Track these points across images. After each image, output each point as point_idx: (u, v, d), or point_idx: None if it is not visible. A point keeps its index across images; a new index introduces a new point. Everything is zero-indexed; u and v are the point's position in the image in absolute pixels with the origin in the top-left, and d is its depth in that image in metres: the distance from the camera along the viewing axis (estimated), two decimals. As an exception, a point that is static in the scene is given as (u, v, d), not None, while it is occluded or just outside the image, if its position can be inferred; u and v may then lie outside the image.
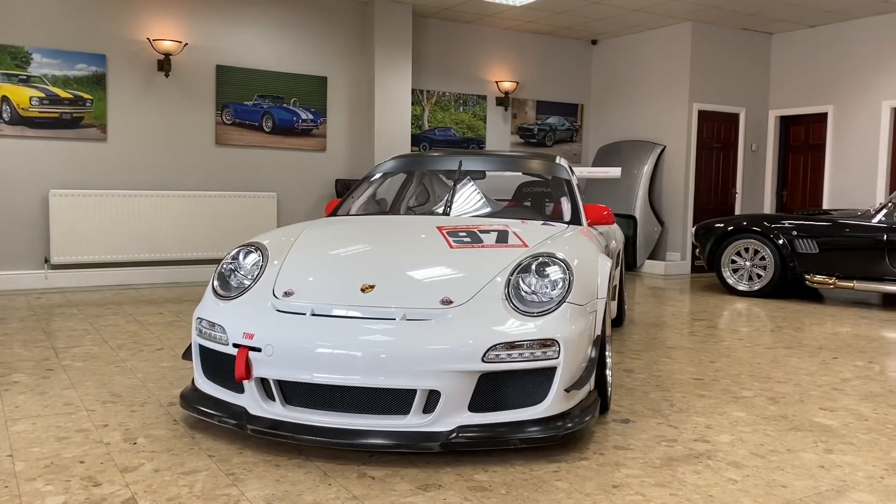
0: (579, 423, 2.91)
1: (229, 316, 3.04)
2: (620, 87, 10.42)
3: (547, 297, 2.99)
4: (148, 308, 6.14)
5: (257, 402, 2.92)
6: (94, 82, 7.36)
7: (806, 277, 7.26)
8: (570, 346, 2.87)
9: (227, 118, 8.05)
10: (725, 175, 10.10)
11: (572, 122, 10.71)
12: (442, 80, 9.54)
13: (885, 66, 8.97)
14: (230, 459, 2.79)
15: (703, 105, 9.66)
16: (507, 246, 3.39)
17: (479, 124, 9.87)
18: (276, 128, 8.32)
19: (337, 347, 2.77)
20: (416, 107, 9.36)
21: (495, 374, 2.80)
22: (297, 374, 2.81)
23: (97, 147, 7.43)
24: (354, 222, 3.99)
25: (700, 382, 4.07)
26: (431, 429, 2.76)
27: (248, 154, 8.23)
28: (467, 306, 2.91)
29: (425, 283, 3.05)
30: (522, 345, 2.80)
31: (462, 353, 2.74)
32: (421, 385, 2.74)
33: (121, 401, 3.51)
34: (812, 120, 9.91)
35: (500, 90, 9.89)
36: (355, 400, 2.82)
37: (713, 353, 4.82)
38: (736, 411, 3.54)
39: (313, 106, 8.54)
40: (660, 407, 3.58)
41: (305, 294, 3.04)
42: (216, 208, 7.95)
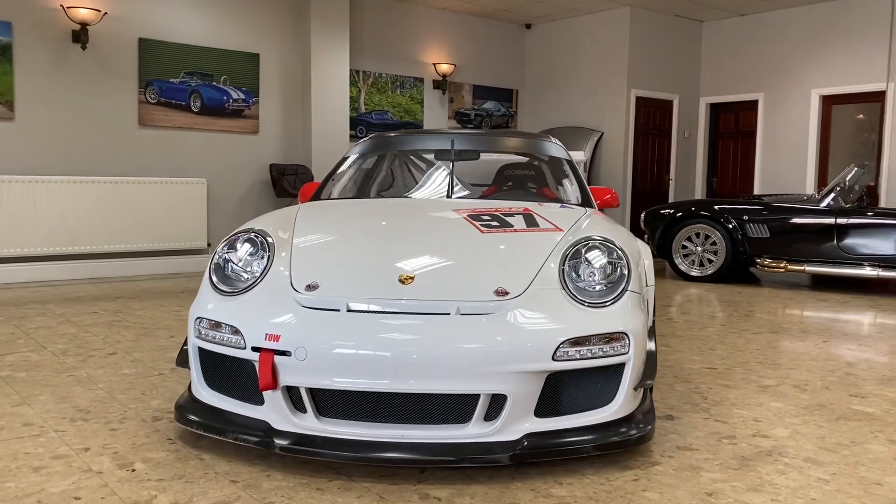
0: (648, 423, 2.63)
1: (243, 314, 2.57)
2: (556, 72, 10.28)
3: (607, 285, 2.68)
4: (78, 307, 5.45)
5: (283, 415, 2.48)
6: (-2, 53, 6.51)
7: (757, 261, 7.31)
8: (638, 339, 2.58)
9: (151, 97, 7.33)
10: (660, 161, 10.15)
11: (508, 108, 10.49)
12: (379, 61, 9.09)
13: (815, 55, 9.21)
14: (259, 485, 2.35)
15: (641, 91, 9.65)
16: (541, 230, 3.07)
17: (417, 108, 9.49)
18: (204, 108, 7.66)
19: (384, 349, 2.37)
20: (353, 88, 8.87)
21: (560, 374, 2.48)
22: (336, 380, 2.39)
23: (2, 127, 6.57)
24: (356, 206, 3.57)
25: (716, 372, 3.88)
26: (496, 438, 2.41)
27: (175, 136, 7.53)
28: (525, 297, 2.57)
29: (471, 272, 2.69)
30: (590, 340, 2.49)
31: (532, 351, 2.40)
32: (485, 389, 2.38)
33: (92, 417, 2.97)
34: (742, 107, 10.09)
35: (437, 73, 9.54)
36: (401, 409, 2.43)
37: (707, 341, 4.67)
38: (771, 401, 3.36)
39: (245, 85, 7.92)
40: (694, 400, 3.36)
41: (333, 287, 2.61)
42: (141, 196, 7.23)
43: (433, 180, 4.11)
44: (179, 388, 3.39)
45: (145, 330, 4.67)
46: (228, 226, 7.88)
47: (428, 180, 4.16)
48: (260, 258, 2.82)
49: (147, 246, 7.27)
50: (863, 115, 9.33)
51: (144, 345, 4.26)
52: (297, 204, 3.72)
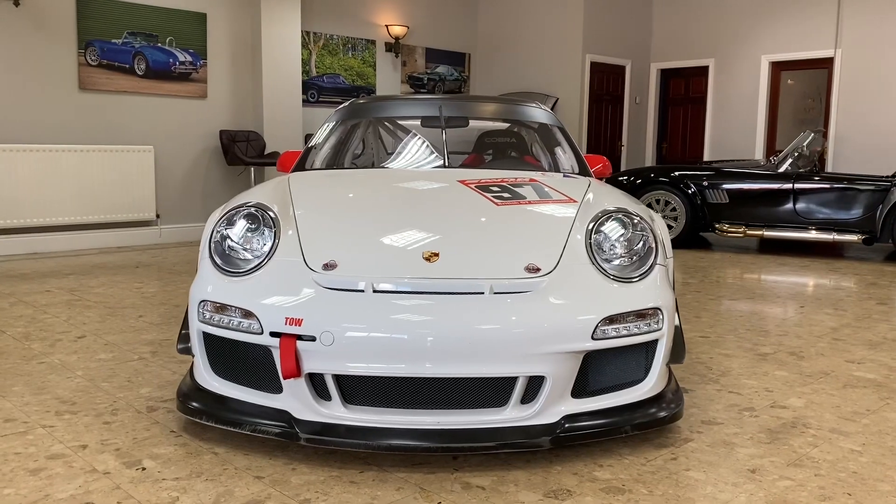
0: (679, 400, 2.57)
1: (257, 297, 2.38)
2: (510, 36, 10.11)
3: (635, 258, 2.59)
4: (27, 285, 5.08)
5: (307, 404, 2.31)
6: (-80, 9, 5.93)
7: (716, 227, 7.40)
8: (669, 315, 2.51)
9: (91, 58, 6.85)
10: (613, 127, 10.15)
11: (460, 72, 10.28)
12: (330, 22, 8.74)
13: (765, 21, 9.30)
14: (288, 480, 2.18)
15: (595, 56, 9.58)
16: (554, 202, 2.95)
17: (369, 71, 9.20)
18: (149, 71, 7.21)
19: (419, 332, 2.22)
20: (304, 50, 8.51)
21: (595, 353, 2.39)
22: (365, 366, 2.23)
23: (-71, 90, 6.04)
24: (352, 177, 3.37)
25: (710, 341, 3.88)
26: (535, 422, 2.31)
27: (119, 101, 7.08)
28: (557, 274, 2.45)
29: (498, 247, 2.55)
30: (626, 317, 2.40)
31: (572, 330, 2.29)
32: (524, 371, 2.27)
33: (80, 410, 2.73)
34: (692, 73, 10.15)
35: (390, 35, 9.25)
36: (433, 394, 2.30)
37: (689, 309, 4.67)
38: (775, 370, 3.36)
39: (192, 46, 7.49)
40: (700, 371, 3.33)
41: (353, 266, 2.43)
42: (83, 165, 6.78)
43: (422, 149, 3.93)
44: (166, 373, 3.17)
45: (109, 310, 4.38)
46: (177, 195, 7.50)
47: (416, 149, 3.98)
48: (262, 235, 2.62)
49: (92, 218, 6.85)
50: (791, 81, 9.52)
51: (113, 326, 3.98)
52: (251, 172, 3.50)
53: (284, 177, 3.34)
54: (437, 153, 3.73)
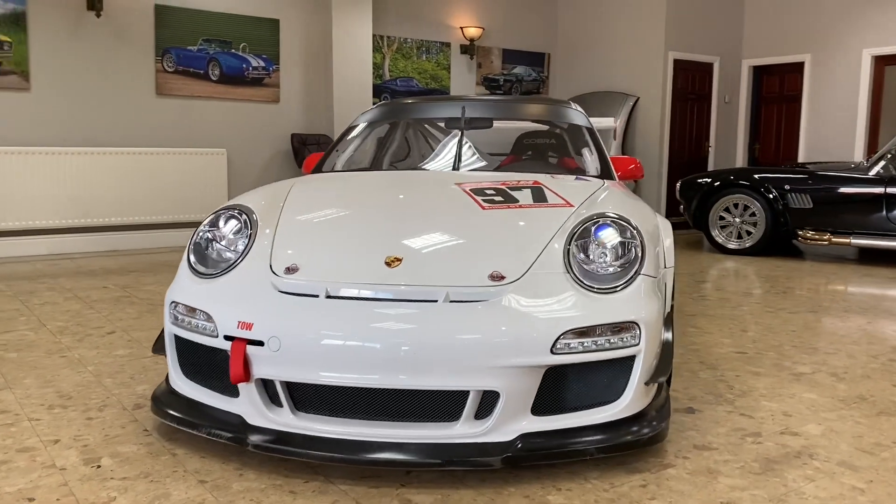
0: (661, 421, 2.37)
1: (216, 299, 2.38)
2: (590, 34, 9.85)
3: (617, 267, 2.42)
4: (89, 281, 5.35)
5: (259, 410, 2.29)
6: (12, 22, 6.37)
7: (799, 234, 6.91)
8: (650, 329, 2.32)
9: (168, 65, 7.16)
10: (699, 128, 9.69)
11: (539, 73, 10.10)
12: (404, 26, 8.78)
13: (867, 12, 8.63)
14: (229, 486, 2.16)
15: (679, 54, 9.18)
16: (549, 205, 2.81)
17: (443, 74, 9.18)
18: (223, 76, 7.46)
19: (366, 339, 2.15)
20: (377, 54, 8.59)
21: (561, 368, 2.23)
22: (312, 374, 2.18)
23: (19, 98, 6.47)
24: (353, 179, 3.33)
25: (745, 357, 3.59)
26: (488, 439, 2.19)
27: (194, 106, 7.36)
28: (523, 282, 2.32)
29: (466, 253, 2.45)
30: (596, 330, 2.24)
31: (528, 342, 2.15)
32: (474, 385, 2.15)
33: (72, 404, 2.82)
34: (787, 70, 9.55)
35: (464, 37, 9.20)
36: (385, 405, 2.22)
37: (739, 321, 4.36)
38: (805, 392, 3.07)
39: (265, 52, 7.70)
40: (719, 390, 3.08)
41: (314, 269, 2.39)
42: (159, 167, 7.09)
43: (442, 151, 3.85)
44: (170, 371, 3.23)
45: (151, 307, 4.53)
46: (249, 197, 7.72)
47: (437, 151, 3.90)
48: (244, 237, 2.63)
49: (165, 218, 7.16)
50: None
51: (146, 323, 4.12)
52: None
53: (291, 179, 3.35)
54: (450, 155, 3.64)
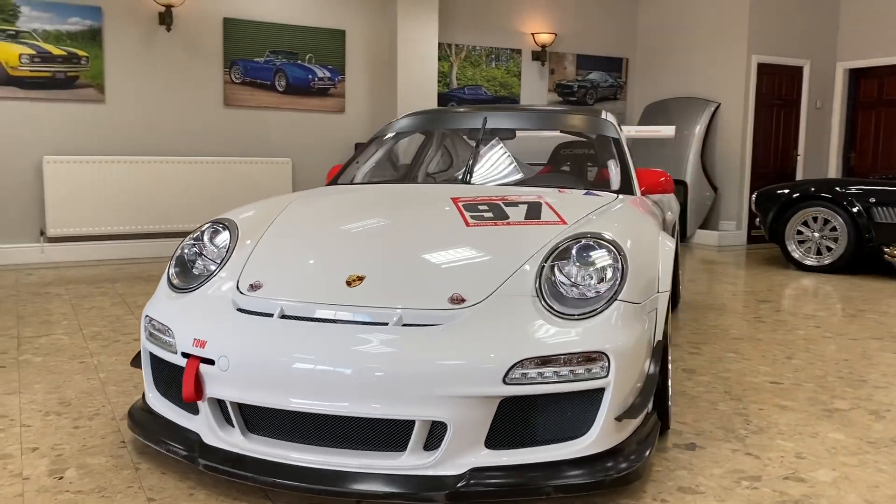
0: (635, 461, 2.18)
1: (181, 315, 2.37)
2: (670, 38, 9.47)
3: (592, 292, 2.25)
4: (142, 287, 5.54)
5: (213, 430, 2.26)
6: (89, 38, 6.71)
7: (885, 251, 6.37)
8: (622, 361, 2.14)
9: (236, 76, 7.36)
10: (786, 135, 9.14)
11: (616, 78, 9.80)
12: (472, 33, 8.71)
13: (976, 9, 7.89)
14: (174, 506, 2.14)
15: (763, 57, 8.68)
16: (540, 223, 2.66)
17: (513, 81, 9.04)
18: (289, 87, 7.61)
19: (309, 363, 2.07)
20: (444, 63, 8.55)
21: (522, 399, 2.09)
22: (258, 396, 2.13)
23: (94, 109, 6.81)
24: (353, 193, 3.28)
25: (779, 388, 3.31)
26: (435, 472, 2.07)
27: (260, 116, 7.54)
28: (485, 306, 2.19)
29: (430, 274, 2.34)
30: (559, 359, 2.08)
31: (478, 371, 2.03)
32: (421, 415, 2.04)
33: (68, 412, 2.88)
34: (888, 72, 8.87)
35: (536, 43, 9.03)
36: (339, 431, 2.14)
37: (788, 347, 4.03)
38: (831, 431, 2.78)
39: (330, 63, 7.80)
40: (733, 425, 2.83)
41: (276, 287, 2.34)
42: (225, 175, 7.30)
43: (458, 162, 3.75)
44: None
45: (188, 314, 4.63)
46: (313, 205, 7.83)
47: (453, 162, 3.80)
48: (225, 251, 2.62)
49: (230, 225, 7.34)
50: None
51: (176, 331, 4.20)
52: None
53: (298, 192, 3.33)
54: (462, 167, 3.53)
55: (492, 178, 3.52)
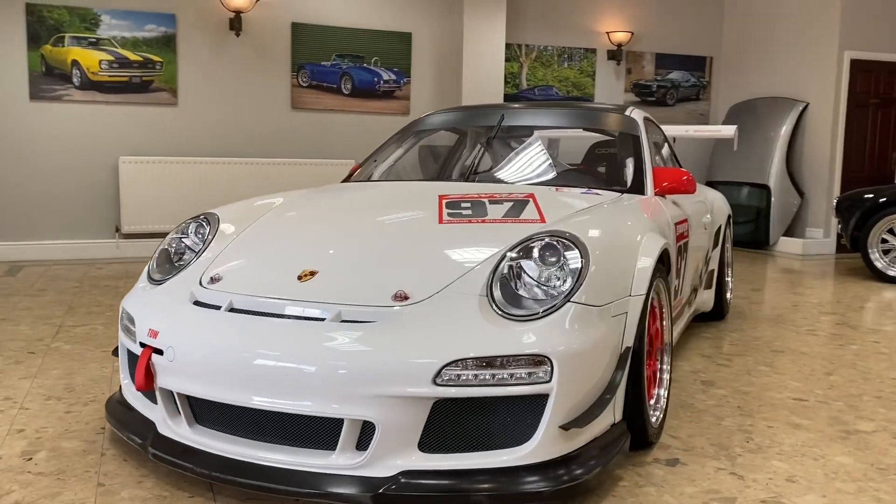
0: (581, 474, 2.05)
1: (144, 307, 2.42)
2: (757, 35, 8.99)
3: (546, 293, 2.14)
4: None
5: (164, 420, 2.28)
6: (163, 44, 7.03)
7: (980, 262, 5.80)
8: (569, 366, 2.02)
9: (303, 80, 7.53)
10: (883, 137, 8.48)
11: (699, 78, 9.39)
12: (543, 33, 8.56)
13: None
14: (119, 492, 2.17)
15: (857, 53, 8.10)
16: (517, 221, 2.56)
17: (587, 81, 8.82)
18: (355, 90, 7.71)
19: (245, 357, 2.06)
20: (513, 63, 8.45)
21: (458, 402, 2.00)
22: (198, 387, 2.14)
23: (168, 112, 7.12)
24: (348, 191, 3.27)
25: (801, 405, 3.04)
26: (364, 473, 2.01)
27: (326, 118, 7.68)
28: (428, 304, 2.12)
29: (380, 270, 2.28)
30: (497, 362, 1.98)
31: (407, 371, 1.95)
32: (349, 414, 1.99)
33: (67, 398, 3.00)
34: None
35: (611, 42, 8.78)
36: (280, 427, 2.11)
37: (833, 362, 3.72)
38: (840, 454, 2.53)
39: (396, 65, 7.85)
40: (730, 442, 2.63)
41: (233, 281, 2.35)
42: (292, 176, 7.46)
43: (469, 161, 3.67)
44: (180, 373, 3.34)
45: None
46: (377, 206, 7.90)
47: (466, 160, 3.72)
48: (202, 244, 2.66)
49: (294, 225, 7.51)
50: None
51: (206, 324, 4.31)
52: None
53: (295, 191, 3.37)
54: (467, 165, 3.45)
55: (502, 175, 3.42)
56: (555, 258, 2.21)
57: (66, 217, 6.88)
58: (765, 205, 8.34)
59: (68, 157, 6.85)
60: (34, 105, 6.70)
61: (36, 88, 6.69)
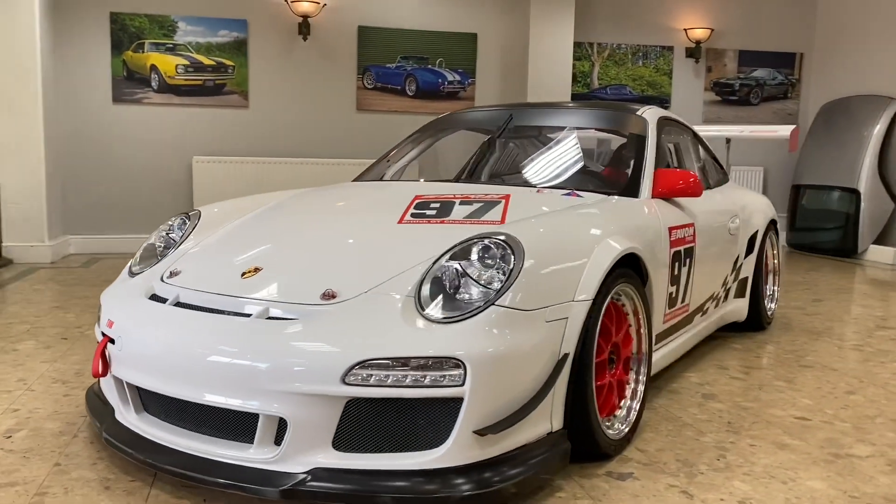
0: (498, 481, 2.00)
1: (111, 298, 2.55)
2: (855, 29, 8.42)
3: (475, 296, 2.10)
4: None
5: (118, 407, 2.40)
6: (235, 48, 7.35)
7: None
8: (486, 370, 1.98)
9: (368, 82, 7.67)
10: None
11: (787, 75, 8.90)
12: (616, 31, 8.35)
13: None
14: (70, 472, 2.30)
15: (962, 46, 7.44)
16: (475, 222, 2.53)
17: (663, 80, 8.53)
18: (419, 91, 7.78)
19: (173, 349, 2.14)
20: (584, 62, 8.29)
21: (373, 402, 2.00)
22: (138, 377, 2.24)
23: (239, 114, 7.43)
24: (339, 190, 3.32)
25: (801, 424, 2.84)
26: (277, 467, 2.03)
27: (390, 120, 7.79)
28: (353, 303, 2.13)
29: (316, 269, 2.31)
30: (409, 363, 1.96)
31: (317, 369, 1.97)
32: (263, 409, 2.02)
33: (72, 382, 3.20)
34: None
35: (689, 39, 8.46)
36: (214, 419, 2.17)
37: (863, 381, 3.45)
38: (814, 479, 2.34)
39: (461, 66, 7.87)
40: (699, 459, 2.49)
41: (188, 276, 2.45)
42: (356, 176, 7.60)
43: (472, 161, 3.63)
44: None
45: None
46: (441, 207, 7.95)
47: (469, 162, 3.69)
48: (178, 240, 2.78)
49: (357, 224, 7.66)
50: None
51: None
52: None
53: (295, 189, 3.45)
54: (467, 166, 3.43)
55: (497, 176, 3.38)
56: (490, 260, 2.17)
57: (144, 213, 7.30)
58: (854, 210, 7.80)
59: (146, 157, 7.27)
60: (116, 108, 7.16)
61: (118, 92, 7.14)
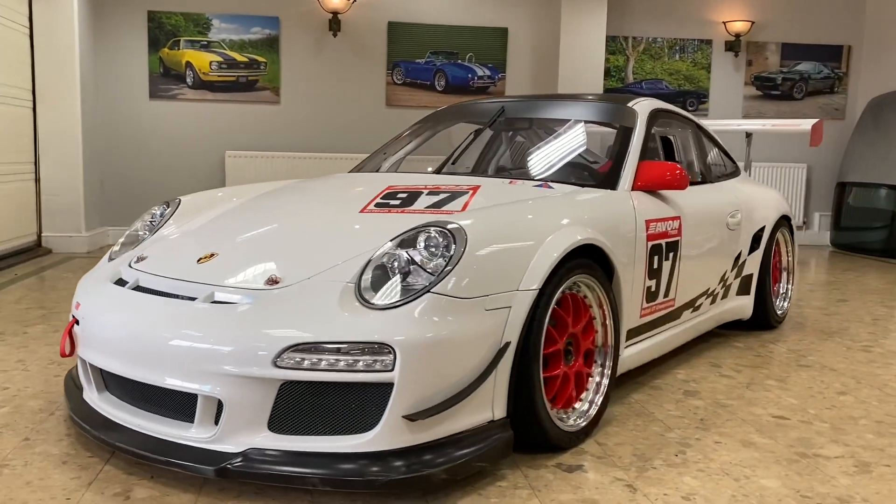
0: (421, 468, 2.01)
1: (83, 281, 2.65)
2: (900, 20, 8.08)
3: (407, 282, 2.12)
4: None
5: (84, 386, 2.50)
6: (267, 45, 7.49)
7: None
8: (417, 357, 1.99)
9: (397, 78, 7.72)
10: None
11: (833, 69, 8.60)
12: (652, 25, 8.20)
13: None
14: (35, 448, 2.40)
15: None
16: (435, 212, 2.54)
17: (701, 74, 8.35)
18: (448, 86, 7.80)
19: (121, 330, 2.23)
20: (619, 56, 8.17)
21: (306, 385, 2.03)
22: (95, 356, 2.33)
23: (270, 109, 7.58)
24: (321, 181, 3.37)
25: (777, 423, 2.76)
26: (214, 447, 2.09)
27: (419, 115, 7.75)
28: (295, 289, 2.17)
29: (266, 255, 2.36)
30: (340, 348, 1.99)
31: (249, 352, 2.02)
32: (198, 389, 2.08)
33: (67, 364, 3.32)
34: None
35: (728, 32, 8.25)
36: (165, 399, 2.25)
37: (861, 382, 3.32)
38: (769, 478, 2.28)
39: (491, 61, 7.85)
40: (657, 454, 2.44)
41: (151, 262, 2.53)
42: (386, 171, 7.68)
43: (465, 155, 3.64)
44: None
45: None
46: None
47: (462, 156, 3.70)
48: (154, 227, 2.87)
49: (385, 218, 7.73)
50: None
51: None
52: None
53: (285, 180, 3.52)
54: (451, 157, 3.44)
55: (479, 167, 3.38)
56: (434, 248, 2.18)
57: (178, 206, 7.51)
58: (894, 208, 7.49)
59: (180, 151, 7.48)
60: (152, 103, 7.39)
61: (155, 88, 7.37)
